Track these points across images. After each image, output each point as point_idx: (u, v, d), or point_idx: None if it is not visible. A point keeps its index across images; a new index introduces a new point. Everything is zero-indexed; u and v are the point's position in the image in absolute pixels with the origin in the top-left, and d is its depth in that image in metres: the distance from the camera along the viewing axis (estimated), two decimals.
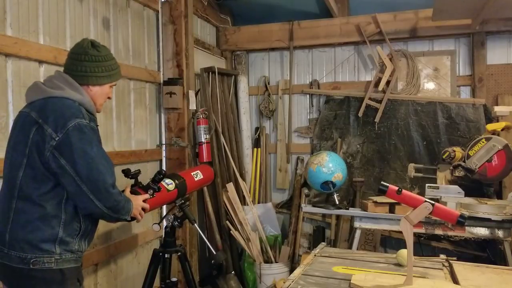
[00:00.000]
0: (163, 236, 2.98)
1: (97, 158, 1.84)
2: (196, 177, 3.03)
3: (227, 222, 4.34)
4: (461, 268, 2.11)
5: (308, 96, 4.94)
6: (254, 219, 4.39)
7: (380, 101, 4.50)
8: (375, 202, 3.33)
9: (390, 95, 4.46)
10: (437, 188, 3.30)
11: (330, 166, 3.57)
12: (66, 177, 1.79)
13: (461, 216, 1.79)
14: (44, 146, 1.78)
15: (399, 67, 4.49)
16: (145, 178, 2.47)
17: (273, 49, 5.06)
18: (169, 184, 2.72)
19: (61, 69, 1.96)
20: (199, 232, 2.93)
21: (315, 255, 2.33)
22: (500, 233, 3.07)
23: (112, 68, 2.03)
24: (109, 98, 2.09)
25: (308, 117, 4.96)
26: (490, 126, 3.50)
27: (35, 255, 1.79)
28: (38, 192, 1.80)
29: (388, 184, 1.84)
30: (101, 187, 1.83)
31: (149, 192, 2.34)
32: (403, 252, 2.10)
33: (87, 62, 1.94)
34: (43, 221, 1.80)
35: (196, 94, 4.22)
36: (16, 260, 1.78)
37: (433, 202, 1.79)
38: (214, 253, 2.86)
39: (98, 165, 1.83)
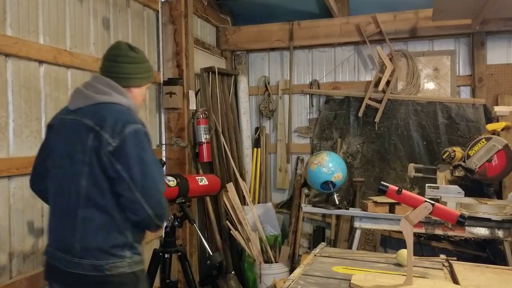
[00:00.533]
0: (163, 236, 2.97)
1: (151, 164, 1.81)
2: (200, 182, 3.03)
3: (227, 222, 4.34)
4: (461, 268, 2.11)
5: (308, 96, 4.94)
6: (254, 219, 4.39)
7: (380, 101, 4.49)
8: (375, 202, 3.33)
9: (390, 95, 4.46)
10: (437, 188, 3.30)
11: (330, 166, 3.57)
12: (121, 183, 1.76)
13: (461, 216, 1.79)
14: (101, 152, 1.76)
15: (399, 67, 4.49)
16: None
17: (273, 49, 5.06)
18: (170, 180, 2.73)
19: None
20: (197, 233, 2.93)
21: (315, 255, 2.33)
22: (500, 233, 3.07)
23: (149, 69, 2.05)
24: (143, 100, 2.11)
25: (308, 117, 4.96)
26: (490, 126, 3.50)
27: (109, 261, 1.78)
28: (104, 200, 1.78)
29: (388, 184, 1.84)
30: (154, 195, 1.81)
31: None
32: (403, 252, 2.10)
33: (128, 64, 1.94)
34: (113, 228, 1.79)
35: (196, 94, 4.22)
36: (89, 268, 1.77)
37: (433, 202, 1.79)
38: (211, 253, 2.85)
39: (153, 173, 1.81)
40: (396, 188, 1.82)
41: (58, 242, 1.85)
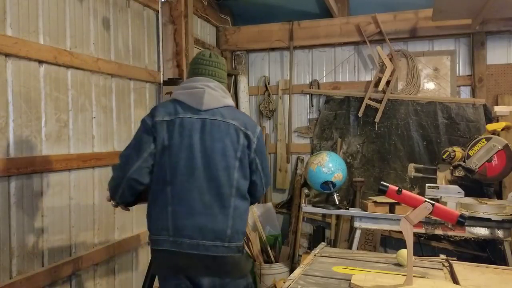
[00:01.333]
0: None
1: (267, 158, 2.27)
2: None
3: None
4: (461, 268, 2.11)
5: (308, 96, 4.94)
6: (254, 219, 4.39)
7: (380, 101, 4.50)
8: (375, 202, 3.34)
9: (390, 95, 4.46)
10: (437, 188, 3.30)
11: (330, 166, 3.57)
12: (257, 173, 2.17)
13: (461, 216, 1.79)
14: (250, 150, 2.13)
15: (399, 67, 4.49)
16: None
17: (273, 49, 5.06)
18: None
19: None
20: None
21: (315, 255, 2.33)
22: (500, 233, 3.07)
23: None
24: None
25: (308, 117, 4.96)
26: (490, 126, 3.50)
27: (242, 243, 2.13)
28: (247, 189, 2.14)
29: (388, 184, 1.83)
30: (269, 181, 2.30)
31: None
32: (403, 252, 2.10)
33: (224, 72, 2.24)
34: (247, 212, 2.17)
35: None
36: (234, 250, 2.06)
37: (433, 202, 1.79)
38: None
39: (268, 164, 2.32)
40: (396, 188, 1.82)
41: (202, 231, 2.01)
